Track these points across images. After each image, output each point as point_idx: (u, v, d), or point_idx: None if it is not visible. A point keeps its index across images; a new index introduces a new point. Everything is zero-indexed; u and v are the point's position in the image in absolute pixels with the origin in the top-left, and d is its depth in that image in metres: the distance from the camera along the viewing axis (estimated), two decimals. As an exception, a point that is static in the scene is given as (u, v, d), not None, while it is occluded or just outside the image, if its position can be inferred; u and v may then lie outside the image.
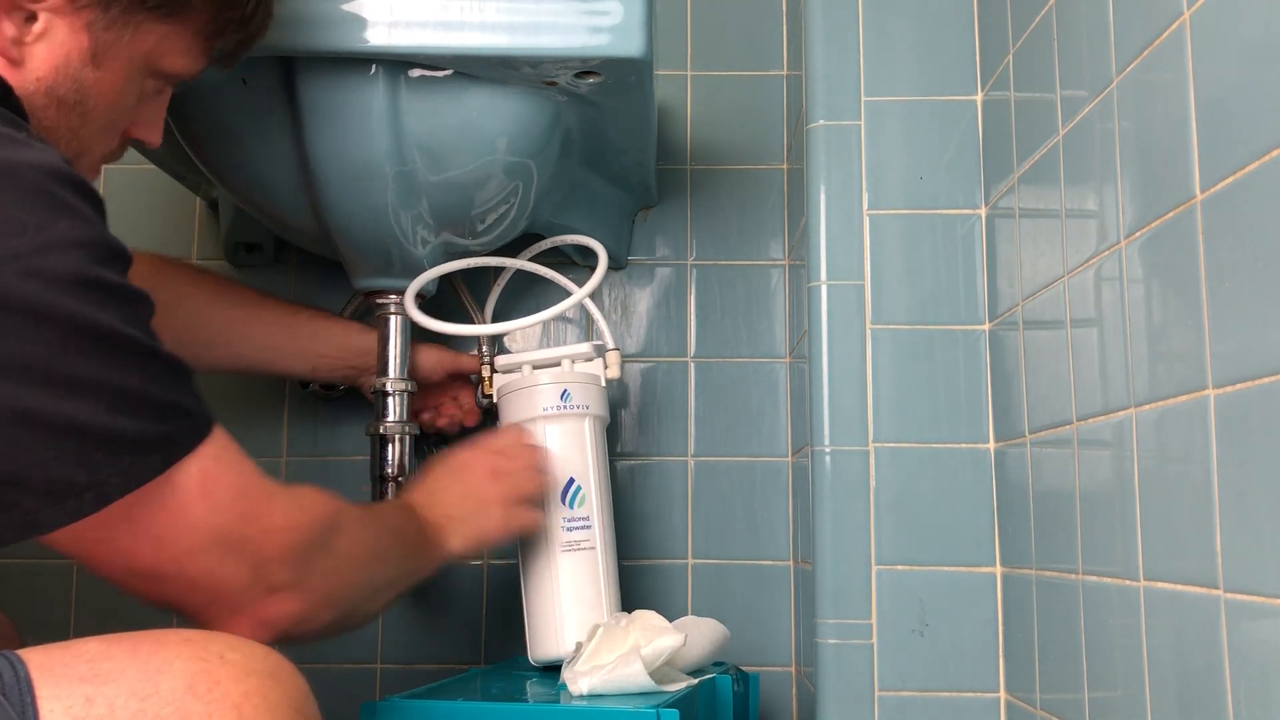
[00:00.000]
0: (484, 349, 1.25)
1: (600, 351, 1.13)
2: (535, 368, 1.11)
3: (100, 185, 1.34)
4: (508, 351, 1.29)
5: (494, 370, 1.15)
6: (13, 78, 0.69)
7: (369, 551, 0.81)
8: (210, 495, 0.65)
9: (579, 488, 1.08)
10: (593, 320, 1.29)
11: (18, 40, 0.69)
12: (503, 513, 0.99)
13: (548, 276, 1.23)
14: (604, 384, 1.12)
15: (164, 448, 0.62)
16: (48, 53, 0.70)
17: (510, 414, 1.10)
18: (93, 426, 0.58)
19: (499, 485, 1.00)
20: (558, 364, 1.11)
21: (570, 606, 1.05)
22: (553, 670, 1.04)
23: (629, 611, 1.06)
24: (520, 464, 1.02)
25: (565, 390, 1.09)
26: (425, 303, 1.17)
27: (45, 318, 0.57)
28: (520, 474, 1.02)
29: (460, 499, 0.98)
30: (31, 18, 0.69)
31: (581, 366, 1.11)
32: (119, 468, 0.60)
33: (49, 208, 0.59)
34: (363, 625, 0.91)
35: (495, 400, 1.13)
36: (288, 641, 0.73)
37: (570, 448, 1.09)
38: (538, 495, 1.04)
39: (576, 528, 1.07)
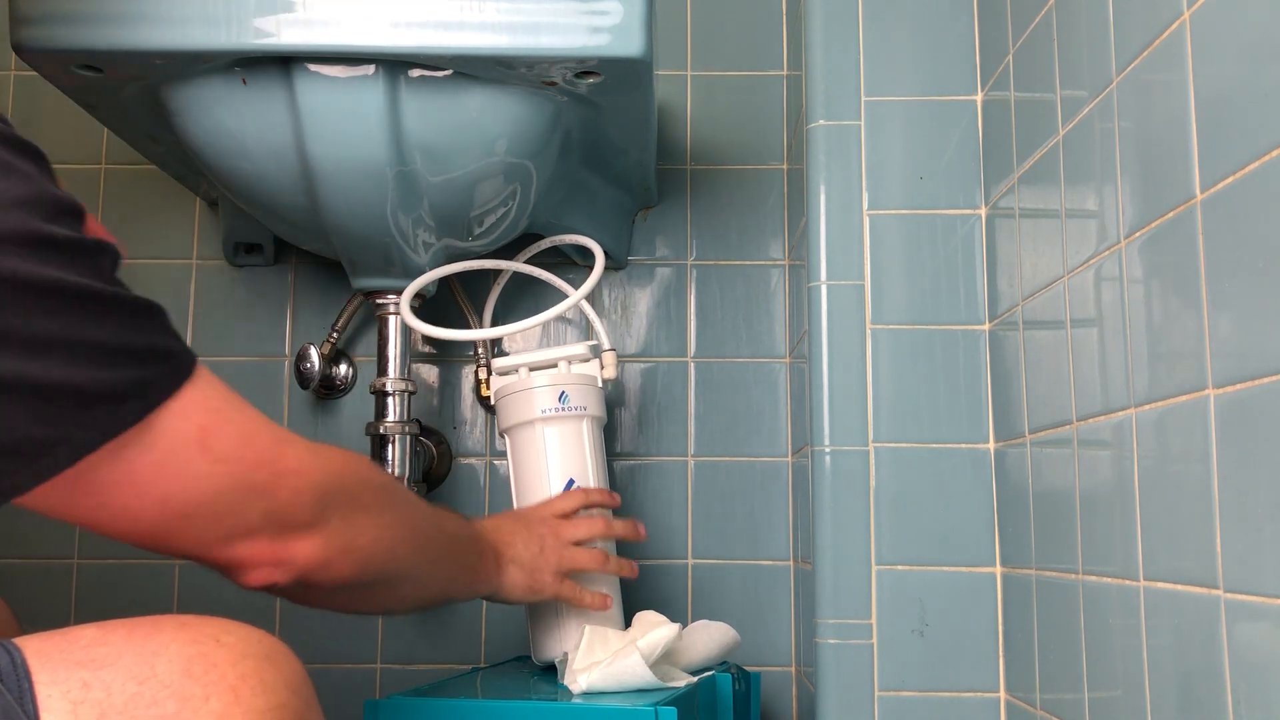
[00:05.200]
0: (480, 351, 1.25)
1: (596, 352, 1.13)
2: (532, 369, 1.11)
3: (100, 185, 1.35)
4: (505, 353, 1.29)
5: (491, 372, 1.15)
6: None
7: (402, 519, 0.77)
8: (211, 448, 0.61)
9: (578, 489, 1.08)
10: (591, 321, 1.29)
11: None
12: (555, 577, 0.98)
13: (544, 279, 1.23)
14: (601, 385, 1.12)
15: (140, 393, 0.58)
16: None
17: (508, 416, 1.10)
18: (55, 383, 0.54)
19: (560, 550, 0.99)
20: (554, 365, 1.11)
21: (572, 607, 1.05)
22: (554, 670, 1.04)
23: (630, 613, 1.06)
24: (584, 532, 1.01)
25: (563, 392, 1.09)
26: (425, 304, 1.17)
27: None
28: (581, 554, 1.01)
29: (525, 543, 0.97)
30: None
31: (578, 367, 1.11)
32: (90, 418, 0.56)
33: None
34: (390, 610, 0.86)
35: (493, 402, 1.13)
36: (310, 596, 0.71)
37: (569, 449, 1.08)
38: (591, 570, 1.02)
39: None
